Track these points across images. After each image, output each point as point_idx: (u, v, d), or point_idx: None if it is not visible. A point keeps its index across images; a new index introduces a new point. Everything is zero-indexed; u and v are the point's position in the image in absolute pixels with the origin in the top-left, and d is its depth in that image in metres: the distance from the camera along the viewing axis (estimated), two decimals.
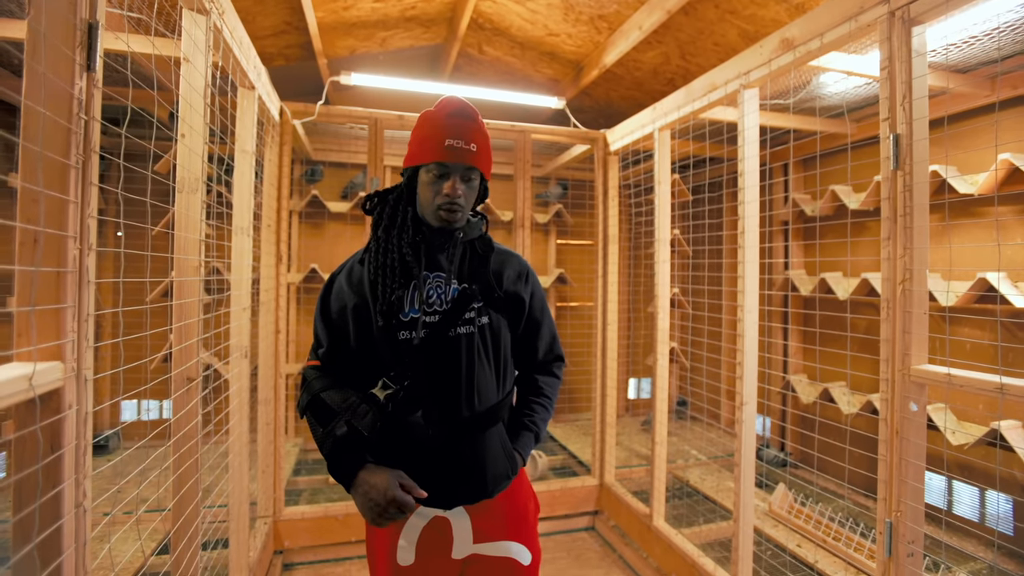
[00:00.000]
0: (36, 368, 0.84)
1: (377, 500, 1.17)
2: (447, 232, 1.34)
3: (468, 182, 1.31)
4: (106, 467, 3.16)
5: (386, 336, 1.28)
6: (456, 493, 1.32)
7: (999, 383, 1.31)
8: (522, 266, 1.47)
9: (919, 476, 1.55)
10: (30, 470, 0.90)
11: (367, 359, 1.33)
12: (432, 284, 1.32)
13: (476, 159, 1.30)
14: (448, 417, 1.29)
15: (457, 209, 1.29)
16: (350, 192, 4.48)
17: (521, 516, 1.43)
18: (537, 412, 1.46)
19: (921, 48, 1.58)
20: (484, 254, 1.40)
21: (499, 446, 1.36)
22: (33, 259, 0.88)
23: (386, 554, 1.35)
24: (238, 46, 1.90)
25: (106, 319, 3.69)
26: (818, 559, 2.61)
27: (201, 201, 1.55)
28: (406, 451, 1.29)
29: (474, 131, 1.30)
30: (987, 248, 2.78)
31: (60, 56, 0.92)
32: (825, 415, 3.49)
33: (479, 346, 1.33)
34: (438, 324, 1.29)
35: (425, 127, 1.31)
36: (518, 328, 1.45)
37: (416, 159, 1.31)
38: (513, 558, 1.39)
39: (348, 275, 1.37)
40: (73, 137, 0.93)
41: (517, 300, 1.42)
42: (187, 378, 1.57)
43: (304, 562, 3.04)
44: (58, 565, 0.95)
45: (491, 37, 3.83)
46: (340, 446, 1.22)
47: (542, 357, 1.51)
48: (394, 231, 1.32)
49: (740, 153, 2.26)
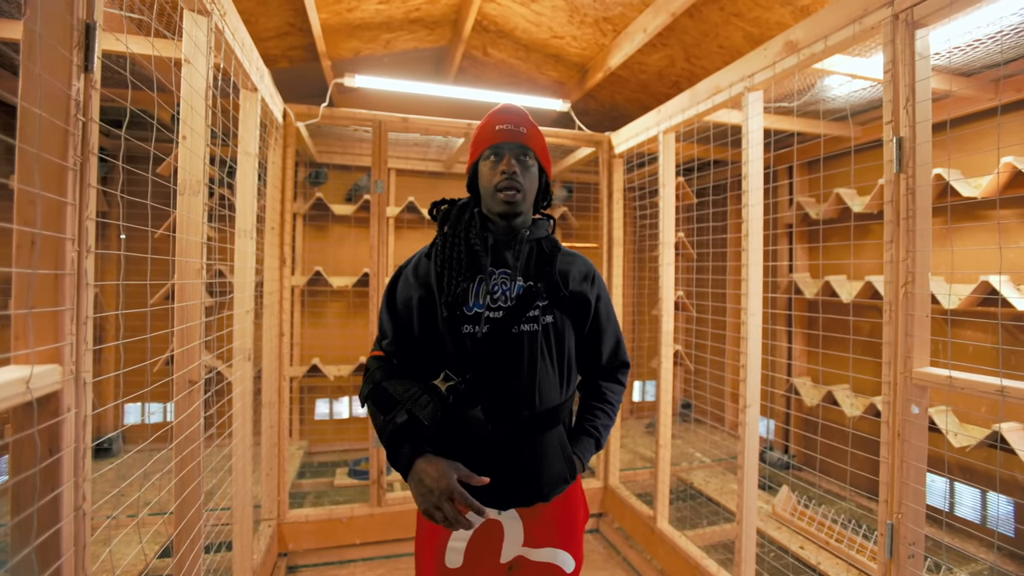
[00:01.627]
0: (33, 371, 0.84)
1: (431, 486, 1.18)
2: (513, 229, 1.36)
3: (523, 164, 1.34)
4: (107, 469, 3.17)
5: (450, 328, 1.30)
6: (512, 494, 1.31)
7: (999, 385, 1.31)
8: (589, 267, 1.47)
9: (920, 478, 1.54)
10: (28, 473, 0.90)
11: (430, 352, 1.34)
12: (497, 280, 1.33)
13: (528, 139, 1.34)
14: (508, 415, 1.29)
15: (515, 186, 1.31)
16: (354, 195, 4.49)
17: (571, 524, 1.42)
18: (599, 418, 1.45)
19: (924, 51, 1.58)
20: (550, 253, 1.40)
21: (558, 449, 1.35)
22: (30, 261, 0.88)
23: (434, 555, 1.35)
24: (240, 48, 1.90)
25: (109, 322, 3.70)
26: (820, 561, 2.60)
27: (203, 204, 1.56)
28: (464, 445, 1.29)
29: (523, 118, 1.37)
30: (990, 251, 2.77)
31: (57, 57, 0.92)
32: (828, 418, 3.47)
33: (542, 345, 1.33)
34: (502, 320, 1.30)
35: (478, 129, 1.41)
36: (583, 330, 1.44)
37: (474, 155, 1.39)
38: (558, 565, 1.39)
39: (415, 268, 1.39)
40: (70, 139, 0.93)
41: (583, 301, 1.42)
42: (189, 381, 1.57)
43: (308, 564, 3.04)
44: (57, 568, 0.95)
45: (496, 39, 3.83)
46: (399, 434, 1.25)
47: (606, 362, 1.49)
48: (461, 226, 1.35)
49: (744, 156, 2.25)
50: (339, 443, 4.42)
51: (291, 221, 3.11)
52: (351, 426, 4.49)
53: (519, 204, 1.33)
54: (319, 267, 4.12)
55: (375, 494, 3.10)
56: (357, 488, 3.56)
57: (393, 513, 3.13)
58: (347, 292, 4.40)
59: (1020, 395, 1.27)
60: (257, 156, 2.25)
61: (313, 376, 4.16)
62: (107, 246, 3.77)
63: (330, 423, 4.51)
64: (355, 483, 3.61)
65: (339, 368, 4.19)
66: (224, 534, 2.26)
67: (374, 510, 3.10)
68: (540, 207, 1.46)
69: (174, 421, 1.53)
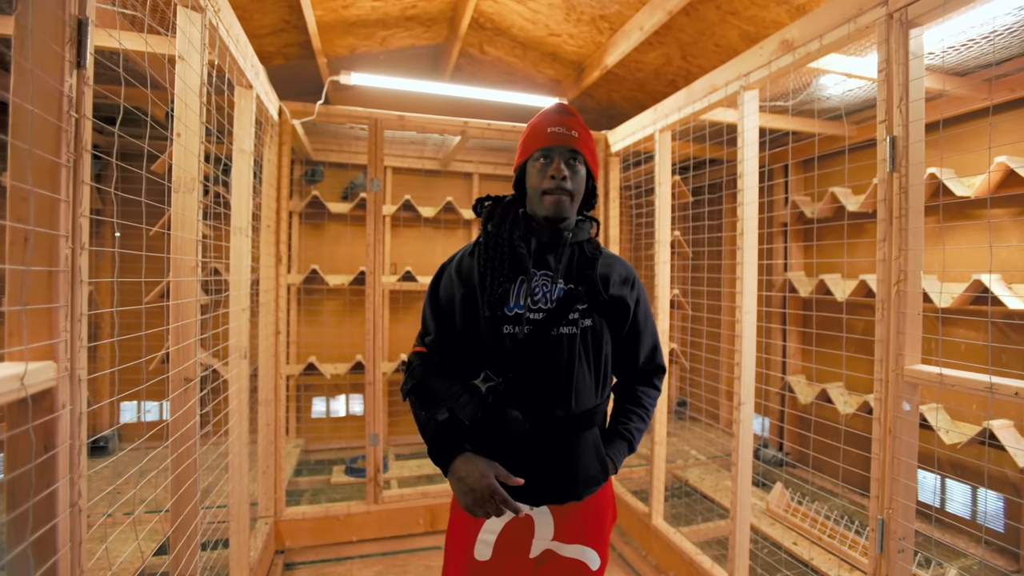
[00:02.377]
0: (28, 368, 0.84)
1: (472, 485, 1.21)
2: (556, 232, 1.37)
3: (572, 168, 1.34)
4: (102, 466, 3.17)
5: (491, 328, 1.31)
6: (546, 492, 1.33)
7: (989, 383, 1.32)
8: (629, 271, 1.47)
9: (911, 474, 1.56)
10: (23, 469, 0.90)
11: (471, 350, 1.35)
12: (539, 282, 1.34)
13: (579, 144, 1.35)
14: (544, 415, 1.31)
15: (563, 192, 1.31)
16: (350, 193, 4.48)
17: (600, 523, 1.44)
18: (633, 421, 1.46)
19: (918, 50, 1.59)
20: (592, 257, 1.41)
21: (592, 450, 1.36)
22: (24, 258, 0.88)
23: (464, 547, 1.36)
24: (235, 44, 1.90)
25: (106, 321, 3.70)
26: (813, 556, 2.62)
27: (198, 201, 1.56)
28: (502, 444, 1.30)
29: (575, 122, 1.37)
30: (982, 250, 2.78)
31: (49, 52, 0.92)
32: (823, 415, 3.49)
33: (580, 348, 1.34)
34: (542, 322, 1.31)
35: (530, 128, 1.40)
36: (620, 334, 1.45)
37: (523, 155, 1.39)
38: (584, 562, 1.41)
39: (458, 266, 1.40)
40: (64, 135, 0.93)
41: (622, 305, 1.42)
42: (185, 378, 1.57)
43: (306, 562, 3.04)
44: (53, 564, 0.95)
45: (492, 37, 3.83)
46: (441, 431, 1.28)
47: (642, 365, 1.49)
48: (505, 226, 1.36)
49: (740, 155, 2.26)
50: (336, 441, 4.43)
51: (287, 219, 3.11)
52: (348, 424, 4.49)
53: (566, 209, 1.33)
54: (315, 265, 4.12)
55: (372, 492, 3.11)
56: (354, 486, 3.56)
57: (390, 511, 3.13)
58: (343, 290, 4.40)
59: (1009, 392, 1.29)
60: (253, 154, 2.25)
61: (309, 374, 4.16)
62: (102, 243, 3.76)
63: (327, 421, 4.51)
64: (352, 481, 3.61)
65: (335, 366, 4.19)
66: (221, 531, 2.26)
67: (371, 507, 3.11)
68: (584, 210, 1.47)
69: (170, 418, 1.54)
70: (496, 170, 4.82)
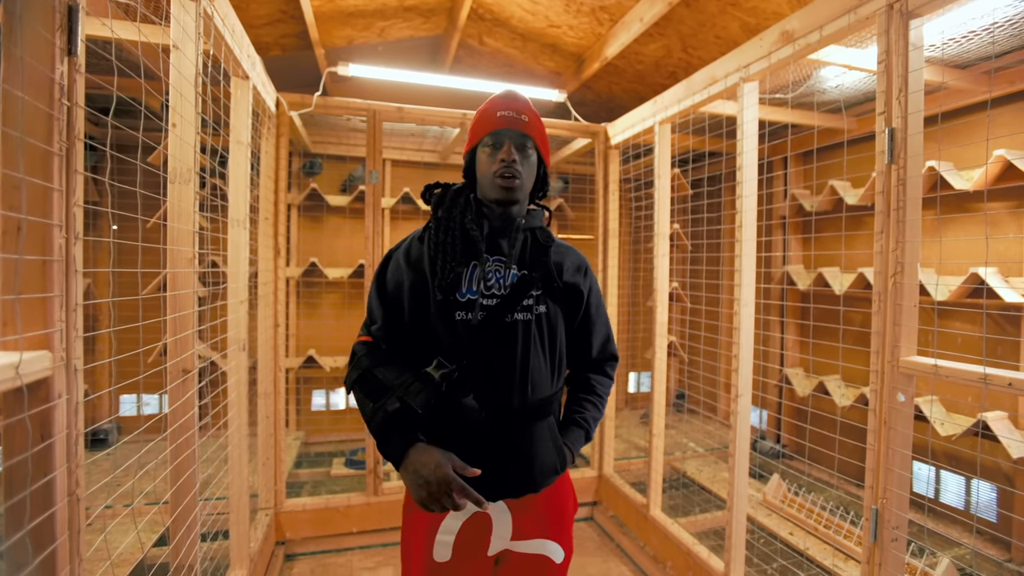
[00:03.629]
0: (23, 357, 0.85)
1: (427, 477, 1.16)
2: (508, 217, 1.35)
3: (523, 152, 1.32)
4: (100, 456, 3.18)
5: (442, 314, 1.27)
6: (503, 485, 1.29)
7: (983, 374, 1.32)
8: (582, 260, 1.46)
9: (905, 464, 1.56)
10: (20, 457, 0.90)
11: (420, 338, 1.31)
12: (492, 267, 1.32)
13: (529, 128, 1.32)
14: (500, 404, 1.28)
15: (515, 175, 1.29)
16: (349, 185, 4.48)
17: (561, 514, 1.41)
18: (588, 409, 1.45)
19: (918, 42, 1.58)
20: (545, 244, 1.39)
21: (549, 439, 1.34)
22: (16, 247, 0.88)
23: (422, 550, 1.31)
24: (230, 34, 1.89)
25: (103, 312, 3.70)
26: (809, 546, 2.63)
27: (194, 192, 1.55)
28: (456, 435, 1.27)
29: (524, 106, 1.34)
30: (979, 243, 2.78)
31: (39, 39, 0.91)
32: (820, 407, 3.50)
33: (535, 334, 1.32)
34: (496, 308, 1.28)
35: (478, 114, 1.37)
36: (574, 322, 1.44)
37: (472, 141, 1.37)
38: (547, 556, 1.38)
39: (407, 251, 1.36)
40: (55, 123, 0.92)
41: (576, 292, 1.41)
42: (183, 370, 1.57)
43: (306, 553, 3.06)
44: (52, 552, 0.95)
45: (492, 28, 3.82)
46: (391, 422, 1.22)
47: (596, 355, 1.49)
48: (456, 211, 1.33)
49: (739, 147, 2.26)
50: (335, 434, 4.44)
51: (285, 212, 3.11)
52: (347, 417, 4.50)
53: (516, 192, 1.31)
54: (314, 258, 4.12)
55: (371, 483, 3.12)
56: (354, 478, 3.57)
57: (390, 502, 3.14)
58: (342, 283, 4.40)
59: (1002, 383, 1.29)
60: (250, 145, 2.24)
61: (309, 367, 4.17)
62: (98, 236, 3.76)
63: (326, 414, 4.52)
64: (352, 473, 3.62)
65: (335, 359, 4.20)
66: (222, 523, 2.27)
67: (370, 499, 3.12)
68: (536, 197, 1.45)
69: (169, 410, 1.54)
70: None
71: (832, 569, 2.46)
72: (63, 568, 0.98)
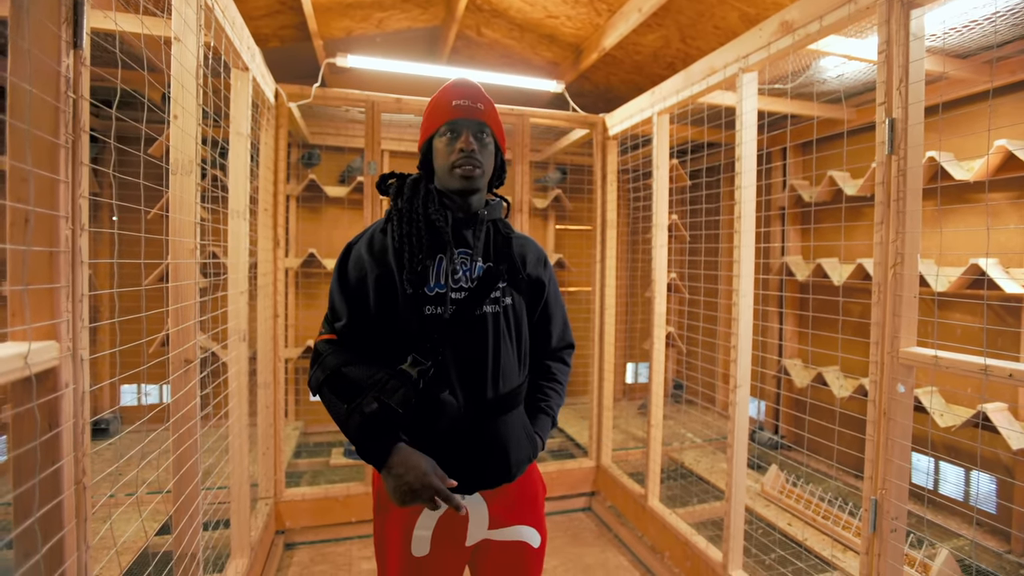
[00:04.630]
0: (31, 347, 0.85)
1: (413, 485, 1.14)
2: (469, 208, 1.33)
3: (481, 140, 1.30)
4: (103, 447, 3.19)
5: (411, 309, 1.25)
6: (480, 476, 1.29)
7: (983, 365, 1.33)
8: (541, 252, 1.48)
9: (905, 455, 1.58)
10: (28, 446, 0.91)
11: (387, 334, 1.28)
12: (459, 260, 1.30)
13: (485, 116, 1.31)
14: (474, 397, 1.28)
15: (474, 164, 1.27)
16: (348, 176, 4.47)
17: (533, 500, 1.42)
18: (551, 397, 1.46)
19: (919, 31, 1.58)
20: (507, 235, 1.39)
21: (521, 429, 1.35)
22: (24, 239, 0.89)
23: (399, 545, 1.30)
24: (231, 26, 1.89)
25: (105, 304, 3.70)
26: (807, 537, 2.65)
27: (196, 183, 1.56)
28: (433, 431, 1.25)
29: (479, 94, 1.32)
30: (979, 234, 2.79)
31: (45, 32, 0.91)
32: (818, 398, 3.52)
33: (503, 326, 1.32)
34: (465, 301, 1.27)
35: (432, 103, 1.34)
36: (534, 314, 1.45)
37: (428, 131, 1.34)
38: (524, 541, 1.39)
39: (369, 244, 1.32)
40: (62, 116, 0.93)
41: (538, 284, 1.43)
42: (185, 360, 1.58)
43: (306, 542, 3.08)
44: (60, 540, 0.96)
45: (489, 19, 3.80)
46: (369, 424, 1.18)
47: (555, 344, 1.50)
48: (417, 201, 1.30)
49: (738, 138, 2.26)
50: (334, 424, 4.44)
51: (284, 203, 3.10)
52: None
53: (477, 180, 1.29)
54: (313, 249, 4.12)
55: (370, 473, 3.13)
56: (353, 467, 3.59)
57: None
58: None
59: (1003, 374, 1.30)
60: (249, 137, 2.24)
61: (308, 358, 4.17)
62: (99, 227, 3.75)
63: None
64: (351, 463, 3.64)
65: None
66: (222, 512, 2.29)
67: (369, 489, 3.14)
68: (492, 186, 1.43)
69: (171, 400, 1.55)
70: None
71: (830, 559, 2.48)
72: (70, 555, 0.99)
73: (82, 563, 1.02)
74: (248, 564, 2.27)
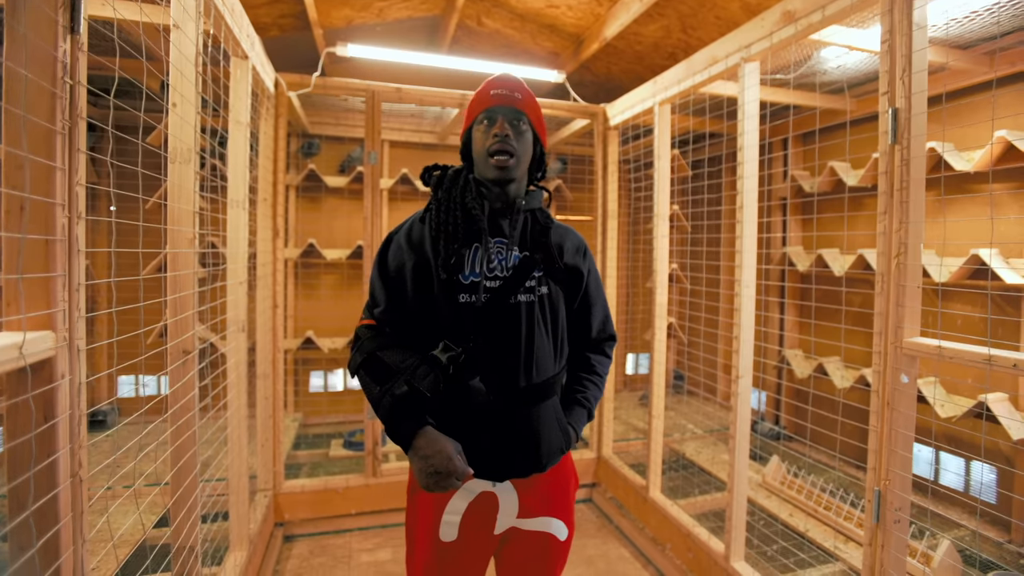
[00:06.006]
0: (26, 337, 0.84)
1: (438, 467, 1.16)
2: (507, 197, 1.34)
3: (516, 128, 1.31)
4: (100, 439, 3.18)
5: (446, 296, 1.27)
6: (510, 465, 1.31)
7: (987, 355, 1.33)
8: (581, 241, 1.48)
9: (908, 446, 1.57)
10: (23, 439, 0.90)
11: (424, 321, 1.31)
12: (494, 249, 1.32)
13: (522, 105, 1.33)
14: (506, 385, 1.29)
15: (508, 149, 1.29)
16: (347, 166, 4.45)
17: (564, 493, 1.43)
18: (589, 389, 1.46)
19: (922, 21, 1.56)
20: (545, 225, 1.40)
21: (554, 419, 1.35)
22: (20, 226, 0.87)
23: (428, 530, 1.33)
24: (230, 13, 1.86)
25: (102, 294, 3.68)
26: (809, 528, 2.66)
27: (194, 172, 1.54)
28: (463, 417, 1.27)
29: (518, 85, 1.35)
30: (979, 224, 2.78)
31: (42, 17, 0.90)
32: (819, 389, 3.51)
33: (538, 315, 1.32)
34: (499, 290, 1.29)
35: (474, 96, 1.38)
36: (573, 303, 1.45)
37: (468, 120, 1.38)
38: (551, 533, 1.40)
39: (408, 233, 1.35)
40: (58, 102, 0.91)
41: (576, 274, 1.43)
42: (184, 351, 1.57)
43: (305, 534, 3.08)
44: (55, 533, 0.95)
45: (490, 8, 3.77)
46: (399, 406, 1.21)
47: (595, 335, 1.50)
48: (456, 191, 1.33)
49: (740, 128, 2.24)
50: (334, 415, 4.45)
51: (284, 192, 3.08)
52: (346, 398, 4.51)
53: (512, 169, 1.30)
54: (312, 239, 4.10)
55: (370, 465, 3.14)
56: (352, 459, 3.59)
57: (388, 483, 3.16)
58: (341, 264, 4.38)
59: (1007, 364, 1.29)
60: (249, 126, 2.22)
61: (307, 348, 4.17)
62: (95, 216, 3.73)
63: (324, 395, 4.53)
64: (350, 454, 3.64)
65: (333, 340, 4.20)
66: (221, 504, 2.28)
67: (369, 480, 3.14)
68: (534, 178, 1.45)
69: (169, 391, 1.54)
70: None
71: (832, 550, 2.49)
72: (66, 549, 0.98)
73: (78, 557, 1.01)
74: (247, 557, 2.27)
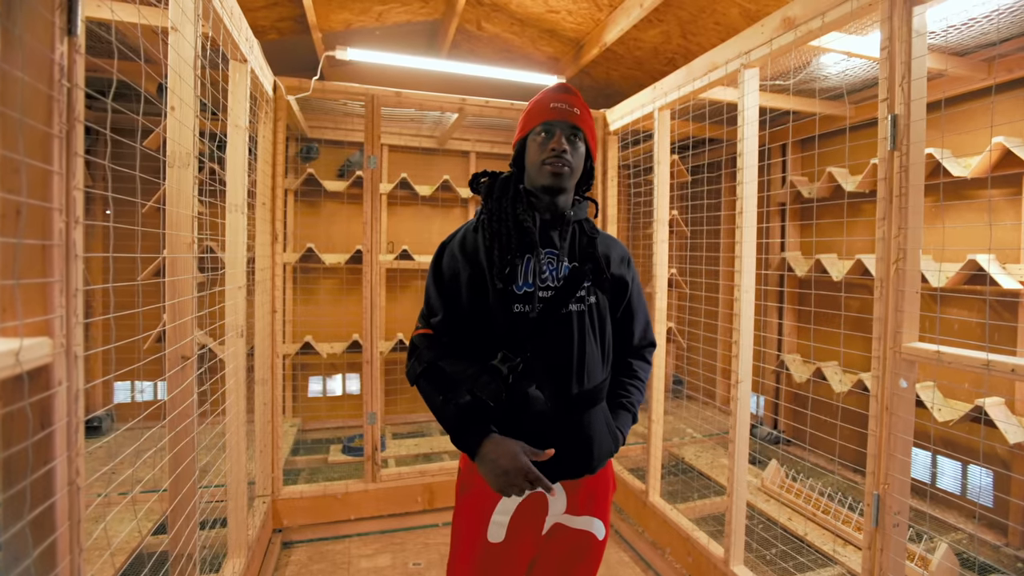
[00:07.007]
0: (23, 343, 0.83)
1: (506, 467, 1.21)
2: (557, 208, 1.38)
3: (573, 144, 1.35)
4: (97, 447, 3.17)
5: (501, 307, 1.31)
6: (565, 468, 1.34)
7: (986, 360, 1.33)
8: (625, 252, 1.52)
9: (907, 450, 1.58)
10: (19, 447, 0.89)
11: (478, 330, 1.35)
12: (545, 260, 1.35)
13: (580, 121, 1.37)
14: (560, 392, 1.32)
15: (564, 164, 1.33)
16: (346, 170, 4.44)
17: (605, 494, 1.47)
18: (632, 394, 1.49)
19: (921, 28, 1.57)
20: (591, 236, 1.43)
21: (604, 424, 1.39)
22: (16, 231, 0.87)
23: (475, 530, 1.36)
24: (228, 16, 1.86)
25: (98, 300, 3.67)
26: (808, 532, 2.65)
27: (193, 176, 1.53)
28: (522, 424, 1.31)
29: (577, 100, 1.39)
30: (977, 230, 2.79)
31: (38, 18, 0.89)
32: (817, 393, 3.51)
33: (588, 324, 1.36)
34: (552, 300, 1.32)
35: (532, 104, 1.42)
36: (617, 311, 1.48)
37: (524, 130, 1.41)
38: (592, 532, 1.44)
39: (461, 243, 1.39)
40: (55, 105, 0.90)
41: (621, 283, 1.46)
42: (182, 356, 1.56)
43: (304, 540, 3.06)
44: (52, 543, 0.94)
45: (490, 13, 3.77)
46: (464, 415, 1.27)
47: (637, 342, 1.53)
48: (506, 201, 1.36)
49: (739, 133, 2.24)
50: (332, 420, 4.44)
51: (282, 197, 3.08)
52: (344, 403, 4.50)
53: (565, 180, 1.34)
54: (311, 244, 4.09)
55: (369, 470, 3.12)
56: (351, 464, 3.57)
57: (388, 489, 3.15)
58: (340, 269, 4.37)
59: (1005, 368, 1.30)
60: (247, 130, 2.21)
61: (306, 354, 4.15)
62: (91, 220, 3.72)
63: (323, 400, 4.52)
64: (349, 460, 3.63)
65: (332, 346, 4.19)
66: (219, 511, 2.27)
67: (368, 486, 3.13)
68: (581, 189, 1.49)
69: (167, 397, 1.53)
70: (493, 148, 4.78)
71: (831, 554, 2.48)
72: (63, 559, 0.97)
73: (75, 567, 1.00)
74: (245, 563, 2.26)
